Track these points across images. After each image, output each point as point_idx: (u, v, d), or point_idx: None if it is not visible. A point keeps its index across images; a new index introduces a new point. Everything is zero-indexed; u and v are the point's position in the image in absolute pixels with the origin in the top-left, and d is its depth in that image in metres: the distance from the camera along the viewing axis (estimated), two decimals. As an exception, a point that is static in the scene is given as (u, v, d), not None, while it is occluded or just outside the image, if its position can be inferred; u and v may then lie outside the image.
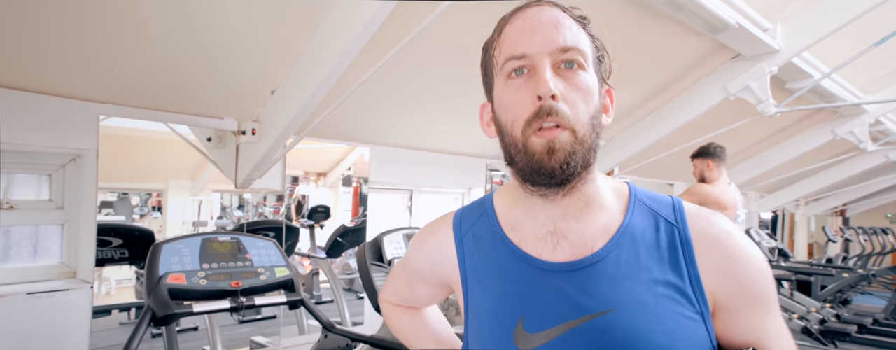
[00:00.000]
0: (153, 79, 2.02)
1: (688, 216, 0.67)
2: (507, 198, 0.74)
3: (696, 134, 3.80)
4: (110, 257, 2.27)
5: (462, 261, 0.74)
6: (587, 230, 0.67)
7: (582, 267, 0.64)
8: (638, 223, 0.67)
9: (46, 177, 1.97)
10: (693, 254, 0.64)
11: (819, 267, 5.19)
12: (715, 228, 0.66)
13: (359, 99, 2.57)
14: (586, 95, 0.63)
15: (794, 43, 2.87)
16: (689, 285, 0.63)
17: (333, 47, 1.82)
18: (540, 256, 0.67)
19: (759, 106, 3.09)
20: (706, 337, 0.62)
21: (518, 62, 0.64)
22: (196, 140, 2.56)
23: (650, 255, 0.65)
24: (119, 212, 3.79)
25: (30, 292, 1.78)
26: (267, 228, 3.11)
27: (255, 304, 1.73)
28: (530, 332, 0.64)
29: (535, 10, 0.66)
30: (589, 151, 0.63)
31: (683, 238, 0.65)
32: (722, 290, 0.64)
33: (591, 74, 0.65)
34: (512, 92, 0.65)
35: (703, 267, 0.64)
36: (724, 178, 2.96)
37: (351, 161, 6.68)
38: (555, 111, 0.61)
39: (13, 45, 1.64)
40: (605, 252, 0.65)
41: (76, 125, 1.93)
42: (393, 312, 0.96)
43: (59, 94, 1.90)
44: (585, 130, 0.63)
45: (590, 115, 0.63)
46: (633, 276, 0.63)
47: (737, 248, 0.65)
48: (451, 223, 0.78)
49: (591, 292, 0.63)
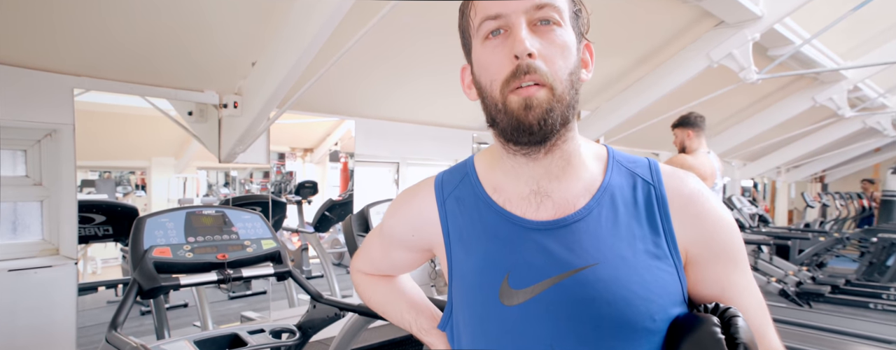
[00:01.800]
0: (129, 51, 1.96)
1: (663, 175, 0.70)
2: (489, 160, 0.75)
3: (679, 102, 3.82)
4: (94, 234, 2.25)
5: (445, 223, 0.75)
6: (569, 189, 0.68)
7: (565, 224, 0.66)
8: (617, 182, 0.69)
9: (21, 152, 1.93)
10: (668, 210, 0.67)
11: (797, 232, 5.35)
12: (687, 187, 0.69)
13: (344, 71, 2.53)
14: (564, 51, 0.64)
15: (777, 9, 2.88)
16: (664, 240, 0.66)
17: (315, 16, 1.78)
18: (524, 216, 0.68)
19: (742, 73, 3.11)
20: (679, 289, 0.65)
21: (494, 23, 0.64)
22: (177, 115, 2.51)
23: (628, 212, 0.67)
24: (101, 190, 3.73)
25: (12, 269, 1.76)
26: (253, 203, 3.10)
27: (242, 276, 1.74)
28: (515, 288, 0.66)
29: None
30: (568, 108, 0.64)
31: (659, 196, 0.68)
32: (693, 244, 0.66)
33: (567, 30, 0.65)
34: (489, 53, 0.65)
35: (677, 223, 0.67)
36: (703, 148, 3.00)
37: (338, 136, 6.61)
38: (532, 69, 0.61)
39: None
40: (586, 210, 0.67)
41: (50, 99, 1.87)
42: (365, 281, 0.94)
43: (30, 67, 1.84)
44: (564, 87, 0.63)
45: (568, 71, 0.64)
46: (613, 232, 0.65)
47: (707, 205, 0.68)
48: (433, 187, 0.78)
49: (574, 248, 0.65)
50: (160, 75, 2.20)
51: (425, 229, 0.78)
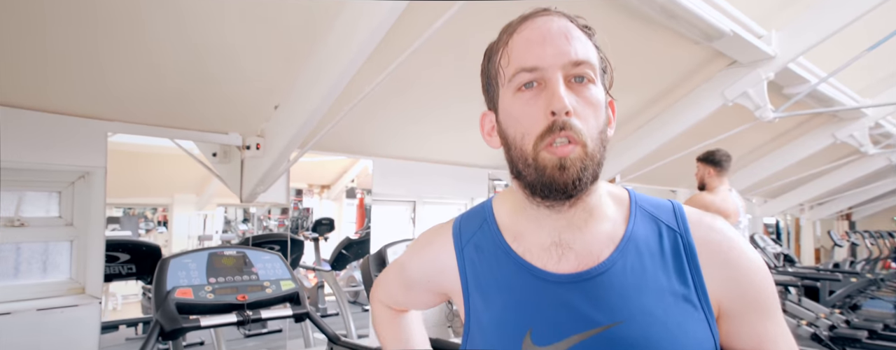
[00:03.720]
0: (159, 96, 2.06)
1: (690, 222, 0.67)
2: (509, 206, 0.73)
3: (696, 140, 3.81)
4: (118, 272, 2.29)
5: (463, 271, 0.73)
6: (592, 240, 0.66)
7: (589, 278, 0.64)
8: (641, 231, 0.66)
9: (56, 194, 2.01)
10: (697, 260, 0.64)
11: (826, 272, 5.15)
12: (717, 234, 0.66)
13: (360, 111, 2.60)
14: (596, 110, 0.63)
15: (790, 49, 2.90)
16: (695, 292, 0.63)
17: (335, 62, 1.85)
18: (545, 268, 0.66)
19: (757, 112, 3.11)
20: (712, 345, 0.62)
21: (529, 75, 0.62)
22: (201, 155, 2.60)
23: (655, 263, 0.64)
24: (125, 227, 3.82)
25: (40, 309, 1.80)
26: (272, 242, 3.14)
27: (261, 317, 1.75)
28: (538, 345, 0.64)
29: (544, 19, 0.65)
30: (598, 165, 0.63)
31: (687, 245, 0.65)
32: (726, 296, 0.64)
33: (599, 88, 0.64)
34: (521, 105, 0.63)
35: (707, 273, 0.64)
36: (724, 186, 2.97)
37: (354, 173, 6.70)
38: (568, 126, 0.60)
39: (29, 68, 1.69)
40: (610, 262, 0.64)
41: (85, 143, 1.96)
42: (382, 317, 0.94)
43: (69, 113, 1.94)
44: (595, 145, 0.62)
45: (599, 130, 0.63)
46: (639, 285, 0.63)
47: (739, 253, 0.65)
48: (451, 232, 0.77)
49: (598, 304, 0.62)
50: (187, 118, 2.29)
51: (442, 276, 0.76)
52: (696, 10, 2.30)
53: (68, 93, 1.87)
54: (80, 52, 1.70)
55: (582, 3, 2.40)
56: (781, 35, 2.89)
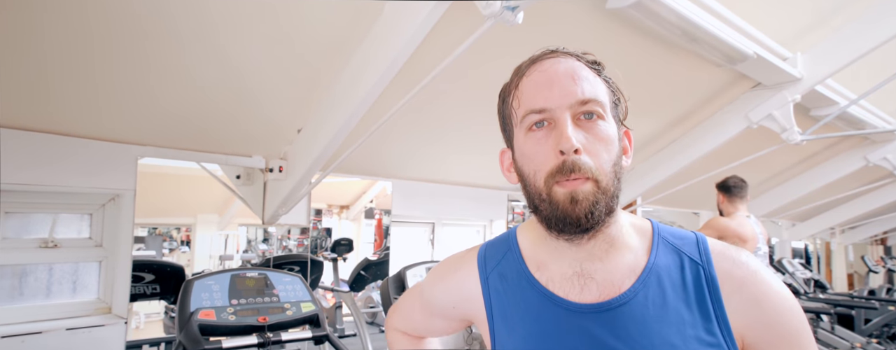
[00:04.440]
0: (187, 121, 2.12)
1: (713, 255, 0.67)
2: (533, 236, 0.74)
3: (721, 162, 3.75)
4: (143, 293, 2.33)
5: (488, 299, 0.74)
6: (613, 270, 0.67)
7: (610, 308, 0.64)
8: (663, 262, 0.67)
9: (87, 216, 2.07)
10: (719, 294, 0.64)
11: (861, 299, 4.94)
12: (741, 269, 0.65)
13: (381, 135, 2.64)
14: (607, 144, 0.64)
15: (816, 71, 2.85)
16: (717, 327, 0.63)
17: (357, 87, 1.89)
18: (567, 297, 0.67)
19: (784, 134, 3.05)
20: None
21: (538, 116, 0.65)
22: (224, 177, 2.65)
23: (677, 295, 0.64)
24: (150, 246, 3.90)
25: (69, 328, 1.84)
26: (292, 262, 3.16)
27: (281, 339, 1.76)
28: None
29: (550, 61, 0.67)
30: (612, 199, 0.64)
31: (709, 278, 0.65)
32: (750, 332, 0.63)
33: (610, 122, 0.66)
34: (533, 144, 0.66)
35: (730, 308, 0.63)
36: (741, 212, 2.91)
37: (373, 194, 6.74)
38: (578, 166, 0.62)
39: (65, 97, 1.76)
40: (632, 293, 0.65)
41: (116, 166, 2.03)
42: (398, 341, 0.94)
43: (100, 138, 2.01)
44: (608, 179, 0.64)
45: (612, 163, 0.64)
46: (661, 317, 0.63)
47: (764, 288, 0.64)
48: (476, 260, 0.78)
49: (620, 334, 0.63)
50: (213, 142, 2.35)
51: (467, 303, 0.77)
52: (718, 34, 2.29)
53: (102, 119, 1.95)
54: (112, 82, 1.77)
55: (602, 30, 2.42)
56: (808, 57, 2.85)
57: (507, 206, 4.02)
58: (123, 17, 1.52)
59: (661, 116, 3.36)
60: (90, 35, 1.55)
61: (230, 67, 1.88)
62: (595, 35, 2.21)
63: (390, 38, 1.69)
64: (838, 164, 4.71)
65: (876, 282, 7.64)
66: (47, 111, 1.82)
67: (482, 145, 3.08)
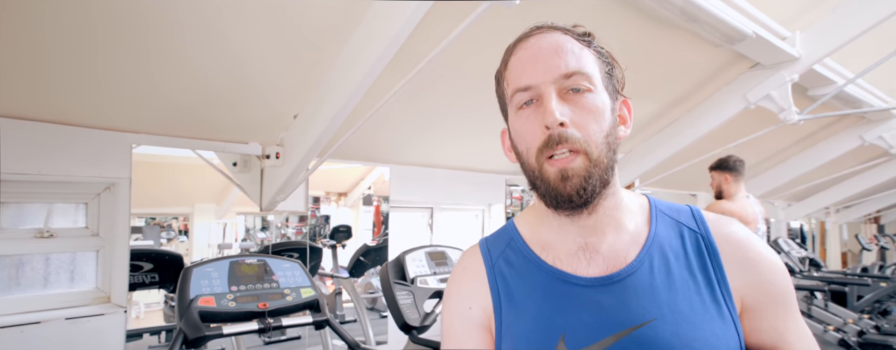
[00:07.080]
0: (182, 108, 2.09)
1: (709, 223, 0.70)
2: (532, 220, 0.75)
3: (718, 143, 3.75)
4: (141, 282, 2.32)
5: (494, 285, 0.73)
6: (617, 242, 0.68)
7: (619, 279, 0.65)
8: (663, 232, 0.69)
9: (83, 205, 2.05)
10: (719, 259, 0.66)
11: (854, 276, 5.01)
12: (735, 234, 0.69)
13: (378, 120, 2.61)
14: (596, 115, 0.65)
15: (815, 50, 2.83)
16: (719, 290, 0.65)
17: (354, 71, 1.87)
18: (575, 272, 0.68)
19: (781, 114, 3.04)
20: (737, 342, 0.63)
21: (525, 94, 0.66)
22: (221, 164, 2.63)
23: (680, 263, 0.66)
24: (148, 236, 3.88)
25: (68, 318, 1.83)
26: (291, 249, 3.16)
27: (282, 324, 1.76)
28: (573, 349, 0.64)
29: (536, 38, 0.67)
30: (606, 171, 0.65)
31: (708, 244, 0.67)
32: (748, 291, 0.65)
33: (599, 94, 0.66)
34: (523, 122, 0.67)
35: (729, 270, 0.66)
36: (742, 192, 2.92)
37: (371, 180, 6.73)
38: (564, 138, 0.62)
39: (58, 85, 1.73)
40: (638, 263, 0.66)
41: (111, 155, 2.00)
42: None
43: (94, 127, 1.98)
44: (600, 151, 0.64)
45: (603, 134, 0.65)
46: (668, 285, 0.64)
47: (758, 250, 0.68)
48: (479, 252, 0.78)
49: (629, 304, 0.64)
50: (209, 129, 2.33)
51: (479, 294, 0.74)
52: (717, 13, 2.26)
53: (95, 107, 1.92)
54: (107, 69, 1.74)
55: (598, 8, 2.38)
56: (806, 36, 2.83)
57: (506, 191, 4.01)
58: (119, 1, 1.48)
59: (659, 98, 3.35)
60: (84, 24, 1.51)
61: (225, 55, 1.85)
62: (594, 17, 2.18)
63: (388, 19, 1.67)
64: (834, 144, 4.73)
65: (869, 259, 7.73)
66: (40, 99, 1.79)
67: (480, 129, 3.06)
